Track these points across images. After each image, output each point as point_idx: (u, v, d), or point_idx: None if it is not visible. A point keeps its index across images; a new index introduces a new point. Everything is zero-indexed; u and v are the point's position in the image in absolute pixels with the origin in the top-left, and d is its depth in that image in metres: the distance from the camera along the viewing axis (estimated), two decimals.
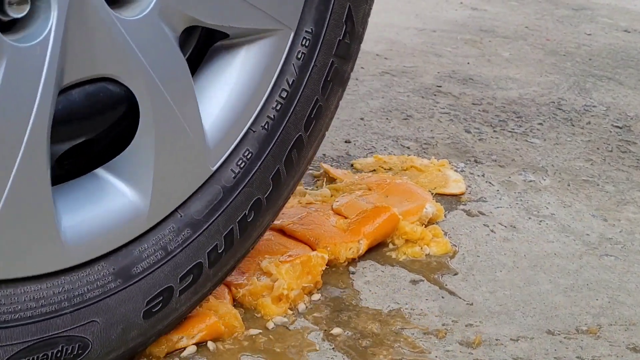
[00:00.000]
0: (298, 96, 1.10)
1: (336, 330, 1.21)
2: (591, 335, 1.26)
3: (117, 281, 0.98)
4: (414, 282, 1.36)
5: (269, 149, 1.09)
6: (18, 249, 0.89)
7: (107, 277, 0.97)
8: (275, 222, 1.37)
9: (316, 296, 1.28)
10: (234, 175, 1.07)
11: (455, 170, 1.75)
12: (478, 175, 1.76)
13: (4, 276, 0.89)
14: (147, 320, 1.02)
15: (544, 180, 1.78)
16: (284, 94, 1.09)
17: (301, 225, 1.37)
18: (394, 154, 1.82)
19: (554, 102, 2.26)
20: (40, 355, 0.92)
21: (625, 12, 3.39)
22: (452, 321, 1.26)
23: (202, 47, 1.08)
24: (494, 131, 2.02)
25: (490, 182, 1.74)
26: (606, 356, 1.22)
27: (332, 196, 1.54)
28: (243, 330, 1.17)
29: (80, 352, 0.95)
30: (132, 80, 0.93)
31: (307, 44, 1.09)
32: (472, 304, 1.31)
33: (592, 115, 2.18)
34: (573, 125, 2.10)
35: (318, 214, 1.42)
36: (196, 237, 1.05)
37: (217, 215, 1.06)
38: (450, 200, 1.63)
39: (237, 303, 1.23)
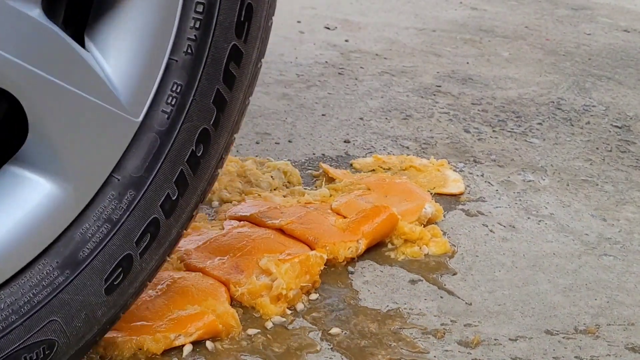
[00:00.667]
0: (218, 4, 0.96)
1: (335, 330, 1.21)
2: (590, 335, 1.26)
3: (64, 273, 0.92)
4: (412, 282, 1.36)
5: (200, 72, 0.97)
6: None
7: (53, 273, 0.92)
8: (274, 221, 1.38)
9: (314, 296, 1.28)
10: (166, 115, 0.96)
11: (455, 170, 1.75)
12: (477, 175, 1.76)
13: None
14: (111, 294, 0.96)
15: (543, 180, 1.78)
16: (200, 8, 0.95)
17: (300, 224, 1.37)
18: (393, 154, 1.82)
19: (554, 102, 2.26)
20: None
21: (625, 12, 3.39)
22: (451, 321, 1.26)
23: None
24: (493, 131, 2.02)
25: (489, 182, 1.74)
26: (605, 356, 1.22)
27: (331, 196, 1.54)
28: (240, 329, 1.17)
29: (48, 352, 0.92)
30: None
31: None
32: (470, 304, 1.31)
33: (592, 115, 2.18)
34: (572, 125, 2.10)
35: (317, 214, 1.42)
36: (142, 195, 0.96)
37: (159, 164, 0.97)
38: (449, 200, 1.63)
39: (235, 302, 1.23)
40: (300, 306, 1.25)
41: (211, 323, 1.14)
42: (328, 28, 2.82)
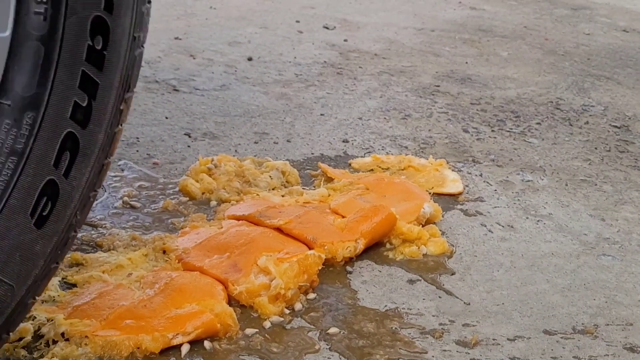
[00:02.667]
0: None
1: (333, 330, 1.21)
2: (588, 335, 1.26)
3: None
4: (411, 281, 1.36)
5: None
6: None
7: None
8: (273, 220, 1.37)
9: (313, 295, 1.28)
10: (42, 16, 0.83)
11: (453, 170, 1.75)
12: (476, 175, 1.76)
13: None
14: (44, 226, 0.89)
15: (542, 180, 1.77)
16: None
17: (299, 223, 1.37)
18: (392, 154, 1.82)
19: (552, 102, 2.25)
20: None
21: (624, 12, 3.39)
22: (449, 321, 1.26)
23: None
24: (492, 131, 2.02)
25: (488, 182, 1.74)
26: (603, 356, 1.21)
27: (329, 195, 1.53)
28: (237, 329, 1.17)
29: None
30: None
31: None
32: (469, 304, 1.31)
33: (590, 115, 2.18)
34: (571, 125, 2.10)
35: (315, 213, 1.42)
36: (44, 114, 0.86)
37: (52, 73, 0.85)
38: (448, 200, 1.63)
39: (233, 301, 1.22)
40: (298, 306, 1.25)
41: (209, 322, 1.14)
42: (327, 28, 2.82)
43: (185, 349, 1.12)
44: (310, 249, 1.32)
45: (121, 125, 0.94)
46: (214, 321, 1.14)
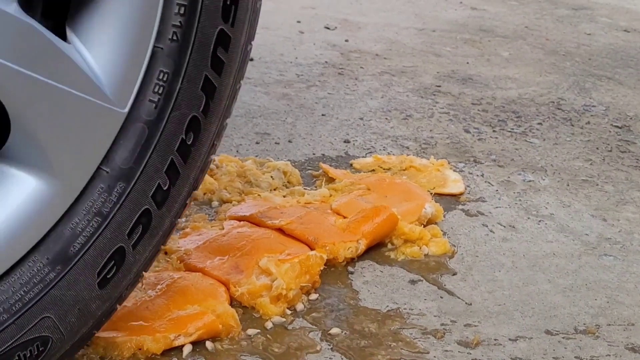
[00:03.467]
0: None
1: (334, 330, 1.21)
2: (590, 335, 1.26)
3: (56, 269, 0.91)
4: (412, 282, 1.36)
5: (187, 59, 0.94)
6: None
7: (44, 270, 0.91)
8: (274, 221, 1.37)
9: (314, 296, 1.28)
10: (154, 105, 0.94)
11: (455, 170, 1.75)
12: (477, 175, 1.76)
13: None
14: (105, 288, 0.96)
15: (543, 180, 1.77)
16: None
17: (300, 224, 1.37)
18: (393, 154, 1.82)
19: (554, 102, 2.25)
20: None
21: (625, 12, 3.39)
22: (451, 321, 1.26)
23: None
24: (494, 131, 2.02)
25: (489, 182, 1.74)
26: (605, 356, 1.22)
27: (331, 196, 1.54)
28: (240, 329, 1.17)
29: (42, 349, 0.92)
30: None
31: None
32: (470, 304, 1.31)
33: (592, 115, 2.18)
34: (572, 125, 2.10)
35: (317, 214, 1.42)
36: (133, 187, 0.95)
37: (148, 154, 0.95)
38: (449, 200, 1.63)
39: (234, 302, 1.23)
40: (300, 306, 1.25)
41: (211, 323, 1.14)
42: (328, 28, 2.82)
43: (187, 349, 1.12)
44: (311, 249, 1.32)
45: (180, 218, 1.04)
46: (215, 322, 1.15)
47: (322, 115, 2.02)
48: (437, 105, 2.16)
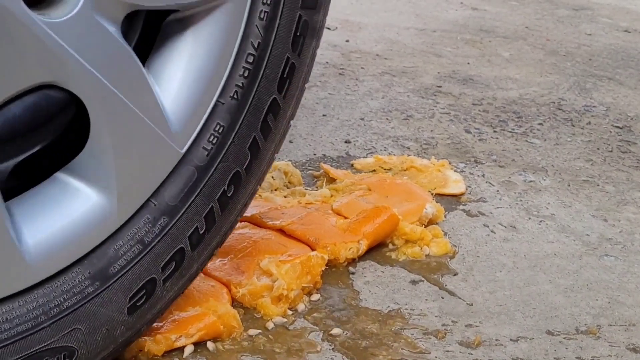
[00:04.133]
0: (266, 58, 1.04)
1: (336, 331, 1.21)
2: (591, 336, 1.26)
3: (94, 284, 0.95)
4: (413, 282, 1.36)
5: (242, 118, 1.03)
6: None
7: (84, 283, 0.95)
8: (275, 222, 1.38)
9: (316, 296, 1.28)
10: (206, 152, 1.02)
11: (455, 171, 1.75)
12: (478, 176, 1.76)
13: None
14: (132, 315, 1.00)
15: (544, 180, 1.77)
16: (251, 59, 1.02)
17: (301, 225, 1.37)
18: (394, 154, 1.82)
19: (554, 103, 2.25)
20: None
21: (626, 12, 3.39)
22: (452, 321, 1.26)
23: (151, 27, 1.02)
24: (494, 131, 2.02)
25: (490, 183, 1.74)
26: (606, 357, 1.22)
27: (332, 196, 1.54)
28: (242, 330, 1.17)
29: None
30: (73, 83, 0.88)
31: (268, 2, 1.02)
32: (472, 305, 1.31)
33: (592, 116, 2.18)
34: (573, 126, 2.10)
35: (318, 214, 1.42)
36: (174, 224, 1.01)
37: (193, 197, 1.02)
38: (450, 201, 1.63)
39: (236, 303, 1.23)
40: (301, 307, 1.25)
41: (212, 324, 1.14)
42: (328, 28, 2.82)
43: (188, 350, 1.13)
44: (312, 250, 1.32)
45: (204, 266, 1.10)
46: (216, 323, 1.15)
47: (323, 115, 2.02)
48: (438, 106, 2.16)
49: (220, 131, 1.02)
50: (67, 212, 0.93)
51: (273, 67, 1.05)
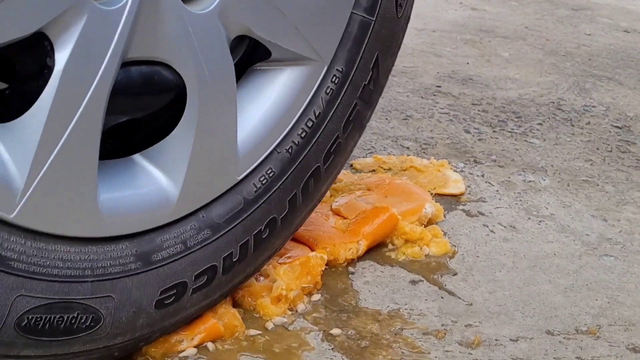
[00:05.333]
0: (322, 128, 1.16)
1: (335, 331, 1.21)
2: (591, 336, 1.26)
3: (137, 263, 1.00)
4: (413, 282, 1.36)
5: (290, 172, 1.14)
6: (59, 206, 0.91)
7: (129, 257, 1.00)
8: None
9: (315, 296, 1.28)
10: (255, 189, 1.11)
11: (455, 171, 1.75)
12: (477, 176, 1.76)
13: (41, 228, 0.91)
14: (157, 310, 1.04)
15: (544, 180, 1.77)
16: (310, 124, 1.15)
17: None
18: (394, 154, 1.82)
19: (554, 102, 2.25)
20: (57, 317, 0.94)
21: (626, 12, 3.39)
22: (452, 321, 1.26)
23: (242, 65, 1.13)
24: (494, 131, 2.02)
25: (489, 182, 1.74)
26: (605, 356, 1.22)
27: (331, 196, 1.54)
28: (244, 329, 1.17)
29: (92, 324, 0.97)
30: (186, 70, 0.98)
31: (336, 81, 1.16)
32: (471, 304, 1.31)
33: (592, 116, 2.18)
34: (573, 126, 2.10)
35: (317, 215, 1.42)
36: (214, 240, 1.08)
37: (236, 223, 1.10)
38: (449, 201, 1.63)
39: (236, 304, 1.23)
40: (301, 307, 1.25)
41: (213, 327, 1.14)
42: None
43: (188, 350, 1.12)
44: (312, 250, 1.32)
45: (225, 297, 1.17)
46: (217, 325, 1.15)
47: None
48: (438, 106, 2.16)
49: (270, 175, 1.12)
50: (136, 189, 1.01)
51: (325, 138, 1.17)
